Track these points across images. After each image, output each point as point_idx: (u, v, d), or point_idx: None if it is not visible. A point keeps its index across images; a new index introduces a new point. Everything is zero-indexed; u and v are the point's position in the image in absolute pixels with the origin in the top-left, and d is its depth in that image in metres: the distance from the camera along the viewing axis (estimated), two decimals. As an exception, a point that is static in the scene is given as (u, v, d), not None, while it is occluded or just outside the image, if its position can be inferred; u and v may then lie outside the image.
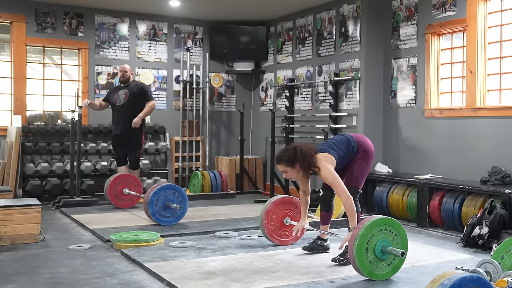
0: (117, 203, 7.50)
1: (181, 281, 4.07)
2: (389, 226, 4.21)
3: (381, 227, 4.17)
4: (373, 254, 4.14)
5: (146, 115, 7.76)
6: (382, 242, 4.15)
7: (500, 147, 6.24)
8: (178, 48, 9.67)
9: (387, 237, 4.18)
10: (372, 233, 4.12)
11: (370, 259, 4.13)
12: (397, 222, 4.26)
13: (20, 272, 4.39)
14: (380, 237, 4.15)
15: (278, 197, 5.39)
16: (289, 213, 5.38)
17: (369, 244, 4.11)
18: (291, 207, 5.40)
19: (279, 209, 5.35)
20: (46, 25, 8.64)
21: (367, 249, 4.11)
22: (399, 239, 4.25)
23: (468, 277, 2.71)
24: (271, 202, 5.32)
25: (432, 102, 7.11)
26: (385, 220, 4.19)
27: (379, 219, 4.18)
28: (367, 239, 4.10)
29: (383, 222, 4.18)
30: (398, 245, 4.24)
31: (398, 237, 4.24)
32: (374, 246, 4.14)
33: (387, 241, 4.18)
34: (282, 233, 5.39)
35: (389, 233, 4.20)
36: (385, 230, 4.18)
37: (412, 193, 6.69)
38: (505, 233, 5.21)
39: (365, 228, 4.10)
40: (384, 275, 4.20)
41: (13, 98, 8.48)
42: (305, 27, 8.95)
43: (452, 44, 6.99)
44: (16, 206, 5.39)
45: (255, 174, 9.76)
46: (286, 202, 5.39)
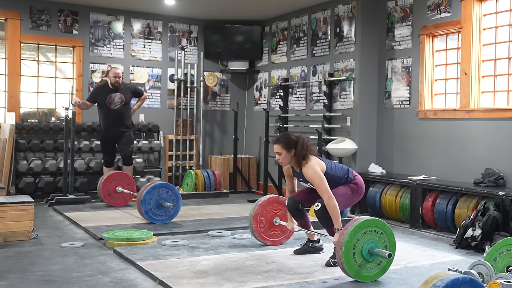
0: (110, 201, 7.48)
1: (173, 280, 4.07)
2: (373, 226, 4.19)
3: (365, 229, 4.15)
4: (361, 257, 4.14)
5: (140, 107, 8.39)
6: (368, 244, 4.15)
7: (494, 148, 6.25)
8: (173, 47, 9.65)
9: (373, 238, 4.18)
10: (357, 238, 4.11)
11: (359, 263, 4.13)
12: (380, 221, 4.25)
13: (12, 269, 4.37)
14: (366, 240, 4.15)
15: (264, 198, 5.36)
16: (278, 212, 5.35)
17: (355, 248, 4.11)
18: (279, 206, 5.37)
19: (266, 210, 5.32)
20: (41, 23, 8.61)
21: (355, 254, 4.11)
22: (386, 237, 4.24)
23: (461, 278, 2.71)
24: (258, 205, 5.29)
25: (426, 103, 7.12)
26: (368, 221, 4.18)
27: (362, 222, 4.15)
28: (353, 244, 4.09)
29: (367, 224, 4.17)
30: (385, 243, 4.23)
31: (384, 235, 4.23)
32: (361, 250, 4.13)
33: (373, 241, 4.17)
34: (273, 233, 5.38)
35: (374, 233, 4.19)
36: (370, 232, 4.17)
37: (406, 194, 6.70)
38: (498, 235, 5.23)
39: (349, 234, 4.08)
40: (374, 276, 4.20)
41: (7, 95, 8.44)
42: (300, 27, 8.95)
43: (446, 46, 7.01)
44: (8, 203, 5.38)
45: (248, 173, 9.76)
46: (273, 202, 5.37)
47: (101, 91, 7.87)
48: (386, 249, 4.22)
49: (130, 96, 8.00)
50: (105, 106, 7.77)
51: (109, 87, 7.81)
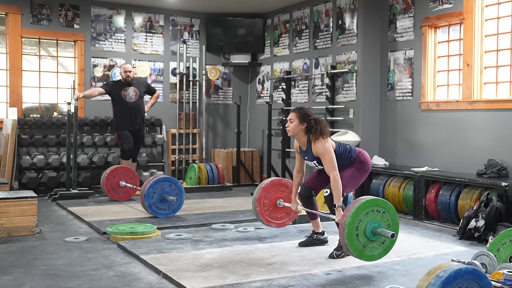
0: (113, 196, 7.49)
1: (177, 273, 4.08)
2: (375, 206, 4.17)
3: (367, 209, 4.13)
4: (365, 237, 4.12)
5: (153, 105, 8.55)
6: (371, 224, 4.13)
7: (497, 140, 6.24)
8: (175, 41, 9.64)
9: (375, 218, 4.15)
10: (359, 218, 4.09)
11: (363, 243, 4.12)
12: (382, 200, 4.23)
13: (17, 264, 4.39)
14: (368, 220, 4.12)
15: (267, 181, 5.36)
16: (281, 194, 5.35)
17: (358, 229, 4.09)
18: (282, 188, 5.37)
19: (270, 193, 5.32)
20: (42, 17, 8.60)
21: (358, 235, 4.10)
22: (388, 216, 4.22)
23: (464, 269, 2.71)
24: (261, 188, 5.30)
25: (428, 94, 7.11)
26: (369, 202, 4.15)
27: (363, 202, 4.13)
28: (356, 225, 4.08)
29: (369, 204, 4.14)
30: (388, 221, 4.21)
31: (386, 214, 4.21)
32: (364, 230, 4.12)
33: (376, 221, 4.15)
34: (277, 216, 5.39)
35: (376, 213, 4.16)
36: (372, 212, 4.15)
37: (409, 185, 6.70)
38: (501, 225, 5.22)
39: (351, 216, 4.07)
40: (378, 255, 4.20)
41: (9, 90, 8.45)
42: (302, 20, 8.93)
43: (449, 37, 6.99)
44: (12, 199, 5.39)
45: (251, 166, 9.76)
46: (275, 185, 5.36)
47: (116, 84, 8.07)
48: (389, 228, 4.20)
49: (143, 91, 8.19)
50: (121, 99, 7.93)
51: (122, 82, 7.99)
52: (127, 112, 7.96)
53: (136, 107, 8.02)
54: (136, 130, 8.09)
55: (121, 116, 7.97)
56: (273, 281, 3.92)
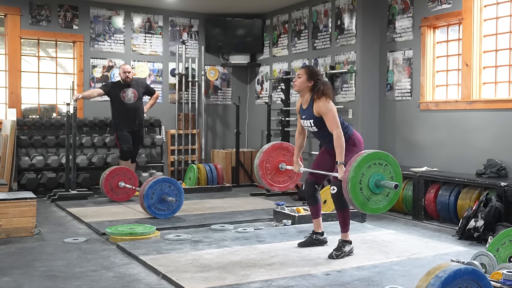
0: (112, 196, 7.49)
1: (176, 274, 4.07)
2: (377, 159, 4.16)
3: (369, 163, 4.12)
4: (369, 191, 4.13)
5: (152, 105, 8.41)
6: (374, 177, 4.13)
7: (496, 140, 6.25)
8: (174, 41, 9.64)
9: (378, 171, 4.15)
10: (362, 172, 4.09)
11: (367, 196, 4.13)
12: (383, 153, 4.22)
13: (16, 265, 4.38)
14: (371, 173, 4.12)
15: (268, 145, 5.30)
16: (283, 158, 5.29)
17: (362, 183, 4.09)
18: (283, 151, 5.31)
19: (271, 157, 5.26)
20: (41, 18, 8.60)
21: (362, 189, 4.10)
22: (391, 168, 4.21)
23: (463, 269, 2.71)
24: (262, 152, 5.23)
25: (427, 95, 7.11)
26: (371, 155, 4.15)
27: (365, 156, 4.12)
28: (358, 179, 4.07)
29: (370, 157, 4.13)
30: (390, 174, 4.21)
31: (389, 166, 4.20)
32: (367, 183, 4.12)
33: (379, 174, 4.15)
34: (280, 179, 5.33)
35: (379, 166, 4.16)
36: (374, 165, 4.14)
37: (408, 185, 6.70)
38: (500, 225, 5.23)
39: (353, 170, 4.06)
40: (383, 208, 4.23)
41: (8, 91, 8.45)
42: (300, 20, 8.93)
43: (447, 37, 6.99)
44: (11, 200, 5.38)
45: (251, 167, 9.75)
46: (277, 148, 5.30)
47: (115, 85, 8.03)
48: (393, 180, 4.20)
49: (142, 92, 8.13)
50: (120, 101, 7.89)
51: (121, 83, 7.96)
52: (125, 113, 7.95)
53: (134, 109, 8.00)
54: (135, 131, 8.08)
55: (119, 117, 7.96)
56: (273, 282, 3.92)
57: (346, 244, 4.63)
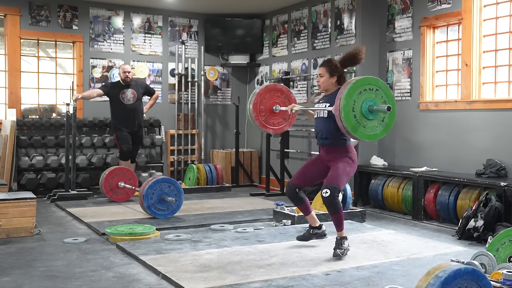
0: (112, 197, 7.49)
1: (176, 274, 4.07)
2: (366, 85, 4.17)
3: (359, 89, 4.13)
4: (363, 117, 4.15)
5: (152, 106, 8.42)
6: (367, 103, 4.15)
7: (495, 140, 6.25)
8: (173, 41, 9.64)
9: (369, 96, 4.17)
10: (353, 100, 4.10)
11: (363, 123, 4.15)
12: (372, 78, 4.25)
13: (16, 265, 4.38)
14: (363, 99, 4.13)
15: (261, 87, 5.20)
16: (277, 100, 5.20)
17: (355, 110, 4.11)
18: (277, 93, 5.22)
19: (265, 99, 5.17)
20: (40, 18, 8.60)
21: (356, 116, 4.12)
22: (382, 92, 4.23)
23: (463, 269, 2.71)
24: (256, 94, 5.13)
25: (427, 95, 7.11)
26: (359, 81, 4.15)
27: (354, 83, 4.12)
28: (351, 107, 4.09)
29: (359, 84, 4.14)
30: (383, 98, 4.23)
31: (380, 91, 4.23)
32: (360, 110, 4.13)
33: (371, 100, 4.17)
34: (275, 121, 5.23)
35: (369, 91, 4.17)
36: (364, 91, 4.15)
37: (408, 186, 6.70)
38: (500, 225, 5.23)
39: (344, 98, 4.07)
40: (380, 134, 4.28)
41: (8, 91, 8.45)
42: (300, 20, 8.93)
43: (447, 37, 6.99)
44: (11, 200, 5.38)
45: (250, 167, 9.76)
46: (271, 90, 5.21)
47: (114, 86, 8.04)
48: (385, 103, 4.22)
49: (141, 92, 8.13)
50: (119, 101, 7.90)
51: (121, 83, 7.97)
52: (125, 114, 7.95)
53: (134, 109, 8.01)
54: (134, 131, 8.08)
55: (119, 118, 7.97)
56: (272, 282, 3.92)
57: (344, 240, 4.63)
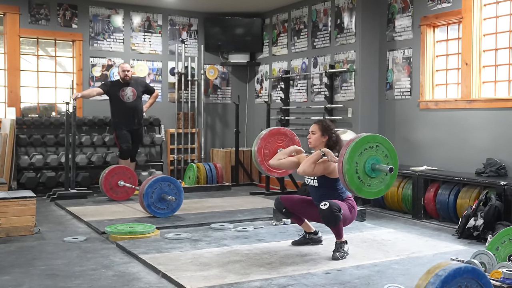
0: (112, 195, 7.49)
1: (176, 272, 4.07)
2: (365, 144, 4.18)
3: (360, 150, 4.15)
4: (367, 177, 4.17)
5: (152, 104, 8.51)
6: (369, 162, 4.17)
7: (495, 139, 6.25)
8: (173, 40, 9.63)
9: (370, 154, 4.18)
10: (355, 161, 4.12)
11: (367, 182, 4.19)
12: (370, 136, 4.23)
13: (15, 264, 4.38)
14: (364, 159, 4.15)
15: (266, 131, 5.29)
16: (281, 143, 5.28)
17: (358, 172, 4.14)
18: (281, 137, 5.31)
19: (270, 143, 5.25)
20: (40, 17, 8.59)
21: (360, 177, 4.15)
22: (383, 147, 4.25)
23: (463, 268, 2.71)
24: (260, 139, 5.22)
25: (427, 94, 7.11)
26: (358, 143, 4.14)
27: (353, 146, 4.12)
28: (354, 169, 4.12)
29: (358, 145, 4.14)
30: (384, 153, 4.25)
31: (380, 146, 4.25)
32: (364, 169, 4.15)
33: (373, 157, 4.19)
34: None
35: (370, 149, 4.19)
36: (365, 150, 4.17)
37: (407, 185, 6.70)
38: (500, 224, 5.23)
39: (346, 162, 4.08)
40: (384, 190, 4.30)
41: (7, 90, 8.44)
42: (300, 19, 8.93)
43: (447, 36, 6.99)
44: (11, 199, 5.38)
45: (250, 166, 9.75)
46: (275, 134, 5.29)
47: (114, 84, 8.09)
48: (387, 158, 4.25)
49: (141, 91, 8.18)
50: (119, 100, 7.94)
51: (120, 82, 8.01)
52: (125, 112, 7.96)
53: (134, 108, 8.02)
54: (134, 130, 8.09)
55: (119, 116, 7.98)
56: (272, 281, 3.92)
57: (344, 243, 4.63)
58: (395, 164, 4.28)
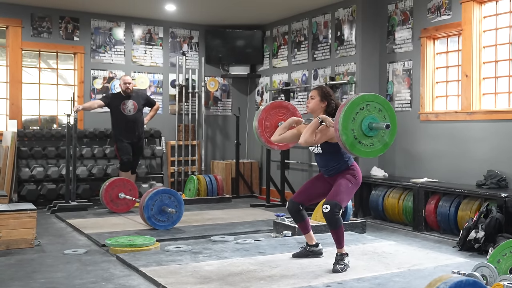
0: (112, 208, 7.48)
1: (177, 285, 4.06)
2: (356, 107, 4.11)
3: (352, 115, 4.08)
4: (366, 137, 4.13)
5: (153, 117, 8.56)
6: (365, 121, 4.12)
7: (496, 150, 6.25)
8: (174, 52, 9.67)
9: (364, 114, 4.12)
10: (351, 128, 4.07)
11: (368, 143, 4.14)
12: (360, 97, 4.16)
13: (15, 277, 4.37)
14: (359, 121, 4.10)
15: (268, 104, 5.26)
16: (282, 117, 5.23)
17: (357, 137, 4.09)
18: (283, 110, 5.26)
19: (271, 115, 5.21)
20: (42, 30, 8.63)
21: (361, 141, 4.11)
22: (375, 104, 4.19)
23: (464, 281, 2.70)
24: (262, 110, 5.19)
25: (427, 105, 7.12)
26: (350, 107, 4.09)
27: (345, 111, 4.06)
28: (352, 137, 4.08)
29: (350, 110, 4.08)
30: (381, 112, 4.19)
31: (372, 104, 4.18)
32: (362, 131, 4.10)
33: (370, 117, 4.13)
34: None
35: (362, 110, 4.13)
36: (360, 110, 4.11)
37: (408, 197, 6.70)
38: (501, 236, 5.21)
39: (342, 131, 4.03)
40: (381, 149, 4.23)
41: (9, 102, 8.46)
42: (300, 31, 8.96)
43: (447, 48, 7.01)
44: (11, 211, 5.38)
45: (251, 178, 9.75)
46: (276, 107, 5.26)
47: (115, 97, 8.13)
48: (381, 111, 4.19)
49: (142, 103, 8.23)
50: (120, 112, 7.97)
51: (121, 94, 8.04)
52: (125, 125, 7.98)
53: (134, 120, 8.05)
54: (135, 142, 8.10)
55: (119, 128, 8.00)
56: (273, 294, 3.91)
57: (344, 256, 4.61)
58: (391, 113, 4.22)
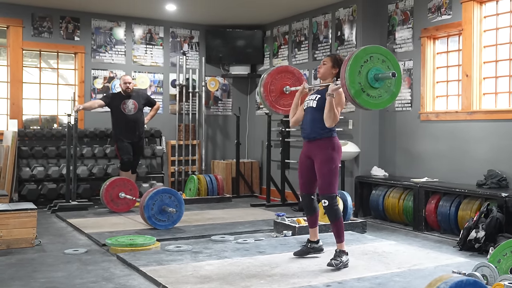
0: (113, 207, 7.48)
1: (177, 285, 4.06)
2: (360, 60, 4.11)
3: (357, 68, 4.09)
4: (373, 89, 4.13)
5: (153, 116, 8.55)
6: (371, 73, 4.12)
7: (496, 150, 6.25)
8: (174, 52, 9.67)
9: (368, 66, 4.13)
10: (358, 82, 4.07)
11: (374, 94, 4.14)
12: (363, 50, 4.16)
13: (16, 276, 4.37)
14: (365, 73, 4.10)
15: (273, 68, 5.27)
16: (288, 81, 5.25)
17: (364, 90, 4.09)
18: (288, 75, 5.28)
19: (276, 79, 5.22)
20: (43, 30, 8.64)
21: (369, 94, 4.12)
22: (380, 56, 4.20)
23: (465, 280, 2.70)
24: (267, 74, 5.20)
25: (428, 105, 7.12)
26: (354, 61, 4.08)
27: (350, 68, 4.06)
28: (360, 89, 4.07)
29: (354, 65, 4.08)
30: (385, 63, 4.21)
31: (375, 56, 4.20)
32: (368, 83, 4.11)
33: (374, 68, 4.14)
34: (285, 102, 5.27)
35: (368, 63, 4.14)
36: (365, 63, 4.12)
37: (408, 196, 6.70)
38: (501, 236, 5.21)
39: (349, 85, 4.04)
40: (388, 101, 4.26)
41: (9, 102, 8.47)
42: (301, 31, 8.96)
43: (447, 48, 7.01)
44: (11, 211, 5.38)
45: (251, 178, 9.75)
46: (282, 71, 5.27)
47: (115, 97, 8.13)
48: (385, 62, 4.20)
49: (142, 103, 8.23)
50: (120, 112, 7.98)
51: (122, 94, 8.05)
52: (126, 124, 7.99)
53: (135, 120, 8.05)
54: (135, 142, 8.10)
55: (120, 128, 8.00)
56: (273, 293, 3.91)
57: (343, 254, 4.62)
58: (394, 63, 4.24)
